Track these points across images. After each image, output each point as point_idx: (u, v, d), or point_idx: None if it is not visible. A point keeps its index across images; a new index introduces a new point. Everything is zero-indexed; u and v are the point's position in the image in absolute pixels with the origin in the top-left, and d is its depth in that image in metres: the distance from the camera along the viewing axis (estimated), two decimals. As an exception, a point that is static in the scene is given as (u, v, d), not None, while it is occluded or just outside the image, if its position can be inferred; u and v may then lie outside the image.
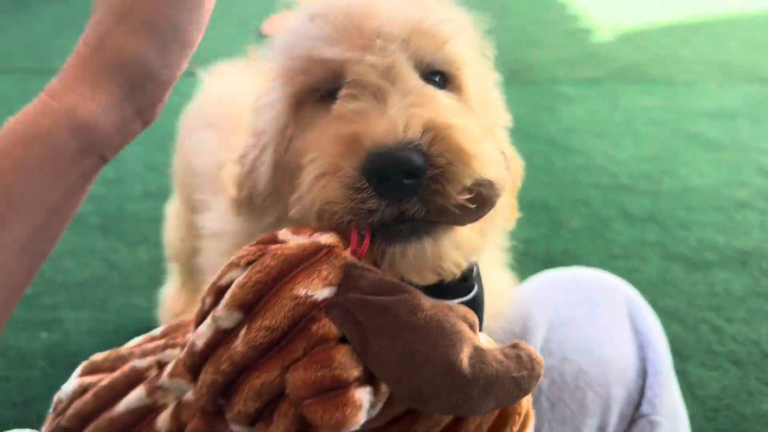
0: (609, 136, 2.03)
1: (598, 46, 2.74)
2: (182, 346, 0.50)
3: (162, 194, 1.75)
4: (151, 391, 0.50)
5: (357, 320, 0.42)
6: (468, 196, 0.47)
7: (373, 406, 0.43)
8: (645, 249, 1.56)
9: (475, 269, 0.59)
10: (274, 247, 0.46)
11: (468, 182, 0.46)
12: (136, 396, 0.50)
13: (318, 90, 0.55)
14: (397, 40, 0.52)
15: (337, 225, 0.48)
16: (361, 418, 0.41)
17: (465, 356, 0.42)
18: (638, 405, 0.70)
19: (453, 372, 0.41)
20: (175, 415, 0.48)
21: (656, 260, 1.52)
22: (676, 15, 3.14)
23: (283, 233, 0.47)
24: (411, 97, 0.49)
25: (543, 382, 0.68)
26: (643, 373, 0.72)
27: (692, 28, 2.95)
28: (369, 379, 0.43)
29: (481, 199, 0.48)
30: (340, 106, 0.51)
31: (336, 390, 0.41)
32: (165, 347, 0.53)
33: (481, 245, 0.57)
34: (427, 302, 0.44)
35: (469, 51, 0.59)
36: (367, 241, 0.47)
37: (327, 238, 0.46)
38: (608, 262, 1.52)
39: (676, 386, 0.76)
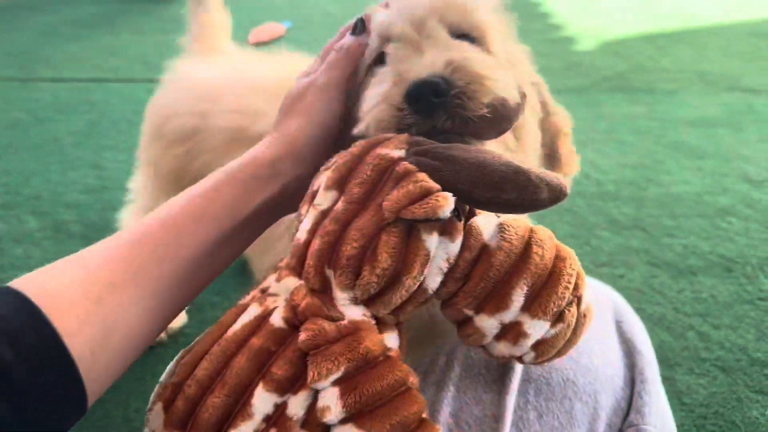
0: (593, 144, 2.04)
1: (581, 56, 2.76)
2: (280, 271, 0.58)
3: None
4: (262, 301, 0.55)
5: (432, 156, 0.53)
6: (486, 110, 0.58)
7: (452, 238, 0.53)
8: (631, 256, 1.56)
9: None
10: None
11: (484, 98, 0.58)
12: (248, 312, 0.55)
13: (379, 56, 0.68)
14: (431, 9, 0.65)
15: None
16: (450, 205, 0.49)
17: (517, 162, 0.53)
18: (626, 414, 0.70)
19: (514, 165, 0.52)
20: (289, 304, 0.53)
21: (642, 267, 1.52)
22: (657, 25, 3.17)
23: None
24: (441, 46, 0.62)
25: (530, 391, 0.67)
26: (631, 382, 0.72)
27: (673, 37, 2.98)
28: None
29: (498, 114, 0.59)
30: (390, 53, 0.65)
31: (423, 197, 0.49)
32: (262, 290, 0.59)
33: None
34: None
35: (494, 22, 0.71)
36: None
37: (386, 136, 0.58)
38: (594, 269, 1.52)
39: (663, 394, 0.75)
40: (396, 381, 0.49)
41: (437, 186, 0.51)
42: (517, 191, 0.51)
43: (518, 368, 0.68)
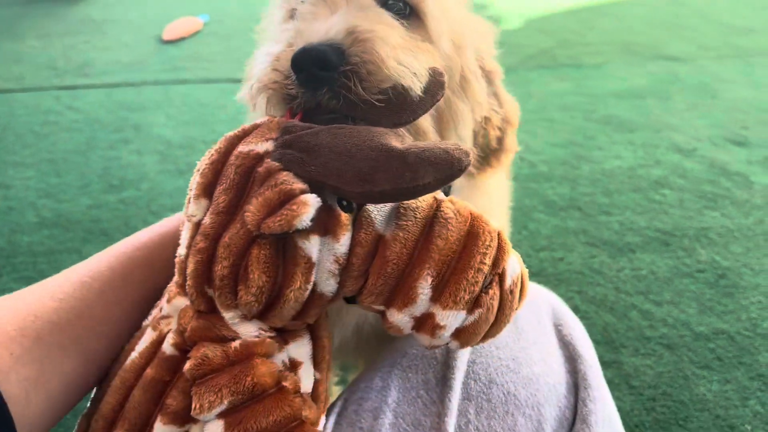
0: (524, 124, 1.99)
1: (507, 35, 2.73)
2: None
3: (59, 223, 1.61)
4: (156, 325, 0.52)
5: (297, 149, 0.47)
6: (378, 97, 0.51)
7: (335, 237, 0.47)
8: (569, 237, 1.53)
9: None
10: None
11: (379, 82, 0.51)
12: (144, 338, 0.52)
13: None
14: None
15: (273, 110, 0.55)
16: (309, 212, 0.43)
17: (395, 141, 0.46)
18: (572, 424, 0.65)
19: (386, 148, 0.45)
20: (177, 329, 0.49)
21: (581, 248, 1.49)
22: (580, -1, 3.17)
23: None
24: (355, 10, 0.55)
25: (470, 410, 0.61)
26: (575, 388, 0.67)
27: (596, 10, 2.98)
28: (324, 210, 0.46)
29: (393, 104, 0.52)
30: (301, 8, 0.59)
31: (285, 203, 0.44)
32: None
33: None
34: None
35: None
36: (298, 117, 0.52)
37: (262, 119, 0.51)
38: (533, 253, 1.48)
39: (609, 397, 0.70)
40: (285, 417, 0.45)
41: (299, 187, 0.45)
42: (392, 181, 0.45)
43: (457, 386, 0.63)
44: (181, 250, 0.49)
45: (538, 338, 0.70)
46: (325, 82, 0.51)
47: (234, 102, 2.24)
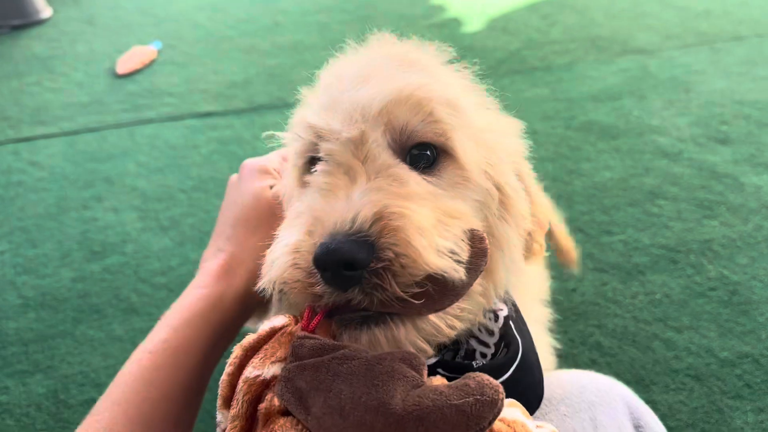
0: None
1: (472, 38, 2.69)
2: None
3: (45, 302, 1.52)
4: None
5: (296, 388, 0.43)
6: (416, 290, 0.47)
7: None
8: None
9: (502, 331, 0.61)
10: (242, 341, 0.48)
11: (414, 277, 0.46)
12: None
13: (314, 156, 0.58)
14: (375, 111, 0.54)
15: (296, 304, 0.51)
16: None
17: (398, 393, 0.41)
18: None
19: (382, 410, 0.39)
20: None
21: (591, 275, 1.47)
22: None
23: (261, 328, 0.50)
24: (379, 179, 0.50)
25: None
26: None
27: (555, 3, 2.95)
28: None
29: (431, 294, 0.47)
30: (314, 178, 0.54)
31: None
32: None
33: (458, 322, 0.55)
34: (366, 353, 0.44)
35: (461, 112, 0.58)
36: (318, 317, 0.48)
37: (281, 320, 0.49)
38: (545, 287, 1.46)
39: None
40: None
41: None
42: None
43: None
44: None
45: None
46: (354, 282, 0.46)
47: (205, 141, 2.15)
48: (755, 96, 2.10)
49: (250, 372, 0.45)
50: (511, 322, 0.63)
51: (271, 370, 0.45)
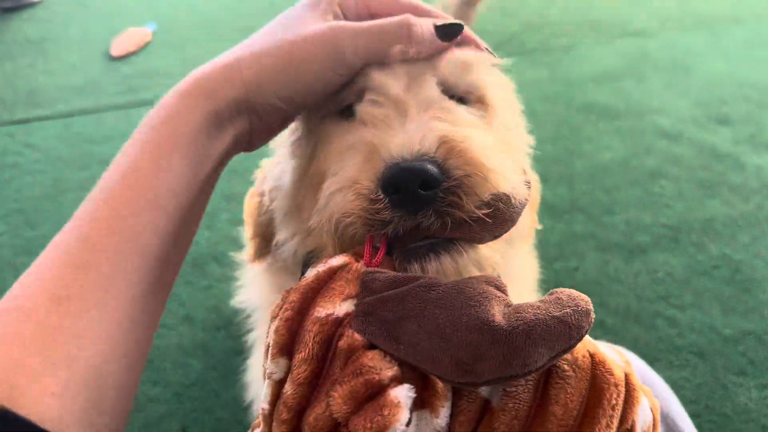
0: (508, 120, 1.97)
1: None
2: None
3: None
4: None
5: (381, 320, 0.41)
6: (486, 211, 0.46)
7: (433, 410, 0.41)
8: (578, 243, 1.51)
9: None
10: (295, 285, 0.45)
11: (485, 195, 0.46)
12: None
13: (341, 106, 0.56)
14: (423, 59, 0.53)
15: (354, 240, 0.49)
16: (403, 416, 0.38)
17: (496, 311, 0.40)
18: None
19: (488, 328, 0.39)
20: None
21: (593, 254, 1.47)
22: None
23: (307, 273, 0.46)
24: (431, 110, 0.50)
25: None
26: None
27: (553, -14, 2.94)
28: (418, 377, 0.41)
29: (500, 214, 0.47)
30: (363, 110, 0.52)
31: (374, 396, 0.39)
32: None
33: (499, 265, 0.55)
34: (445, 281, 0.43)
35: (495, 82, 0.60)
36: (381, 252, 0.46)
37: (339, 260, 0.46)
38: (548, 265, 1.45)
39: None
40: None
41: (388, 376, 0.39)
42: (498, 371, 0.39)
43: None
44: (264, 405, 0.44)
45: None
46: (427, 202, 0.45)
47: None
48: (755, 77, 2.09)
49: (320, 312, 0.42)
50: None
51: (343, 307, 0.42)
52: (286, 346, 0.43)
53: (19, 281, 0.43)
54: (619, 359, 0.45)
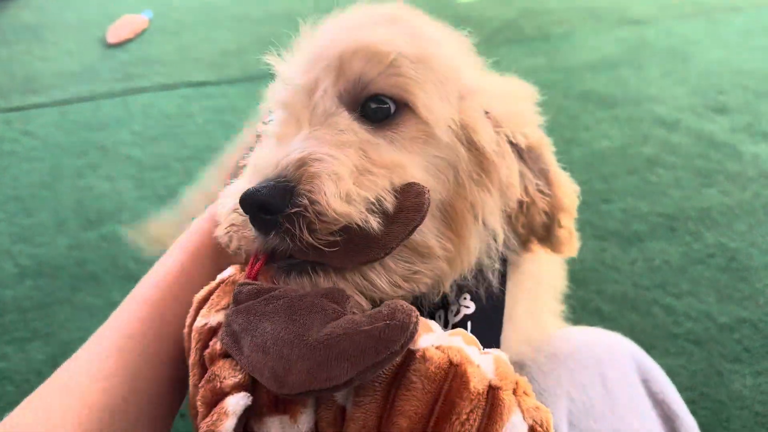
0: (505, 108, 1.96)
1: (468, 8, 2.66)
2: None
3: (42, 271, 1.51)
4: None
5: (231, 331, 0.44)
6: (331, 239, 0.46)
7: (292, 415, 0.43)
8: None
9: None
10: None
11: (326, 226, 0.46)
12: None
13: None
14: (330, 60, 0.53)
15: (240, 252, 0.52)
16: (228, 423, 0.41)
17: (315, 325, 0.42)
18: None
19: (298, 342, 0.41)
20: None
21: (590, 242, 1.48)
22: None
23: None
24: (318, 128, 0.51)
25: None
26: None
27: (551, -27, 2.92)
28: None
29: (355, 242, 0.47)
30: (268, 127, 0.56)
31: (217, 402, 0.42)
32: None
33: (406, 283, 0.53)
34: (295, 292, 0.45)
35: (435, 69, 0.55)
36: (258, 265, 0.49)
37: (228, 271, 0.51)
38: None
39: None
40: None
41: (229, 384, 0.42)
42: (305, 384, 0.41)
43: None
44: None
45: (631, 400, 0.68)
46: (272, 225, 0.47)
47: (199, 110, 2.13)
48: (753, 66, 2.09)
49: (199, 322, 0.47)
50: (469, 323, 0.58)
51: (216, 317, 0.46)
52: (188, 353, 0.47)
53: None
54: (492, 371, 0.43)
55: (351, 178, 0.48)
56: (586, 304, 1.32)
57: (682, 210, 1.54)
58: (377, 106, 0.54)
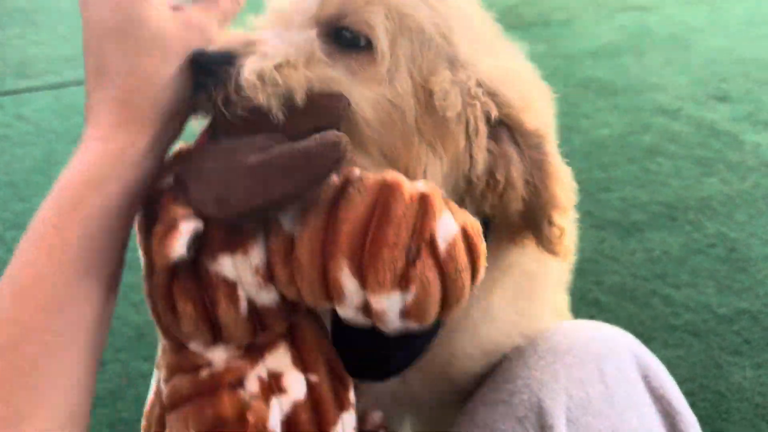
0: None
1: (467, -7, 2.64)
2: None
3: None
4: (158, 364, 0.54)
5: (178, 178, 0.47)
6: (241, 113, 0.48)
7: (244, 251, 0.46)
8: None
9: None
10: None
11: (238, 99, 0.48)
12: (153, 379, 0.56)
13: None
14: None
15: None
16: (182, 239, 0.43)
17: (252, 155, 0.45)
18: None
19: (238, 165, 0.44)
20: (163, 367, 0.51)
21: (590, 232, 1.46)
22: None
23: None
24: (287, 34, 0.54)
25: None
26: None
27: (552, -42, 2.90)
28: (223, 227, 0.46)
29: (255, 122, 0.48)
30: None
31: (170, 231, 0.44)
32: None
33: None
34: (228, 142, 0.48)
35: (414, 28, 0.56)
36: (202, 136, 0.51)
37: (178, 145, 0.53)
38: (543, 243, 1.45)
39: None
40: None
41: (177, 215, 0.44)
42: (245, 201, 0.44)
43: None
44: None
45: (631, 396, 0.67)
46: (200, 87, 0.50)
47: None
48: (754, 54, 2.07)
49: (154, 185, 0.49)
50: None
51: (167, 180, 0.48)
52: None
53: None
54: (424, 186, 0.47)
55: (276, 64, 0.50)
56: (584, 294, 1.31)
57: (682, 199, 1.53)
58: (350, 36, 0.55)
